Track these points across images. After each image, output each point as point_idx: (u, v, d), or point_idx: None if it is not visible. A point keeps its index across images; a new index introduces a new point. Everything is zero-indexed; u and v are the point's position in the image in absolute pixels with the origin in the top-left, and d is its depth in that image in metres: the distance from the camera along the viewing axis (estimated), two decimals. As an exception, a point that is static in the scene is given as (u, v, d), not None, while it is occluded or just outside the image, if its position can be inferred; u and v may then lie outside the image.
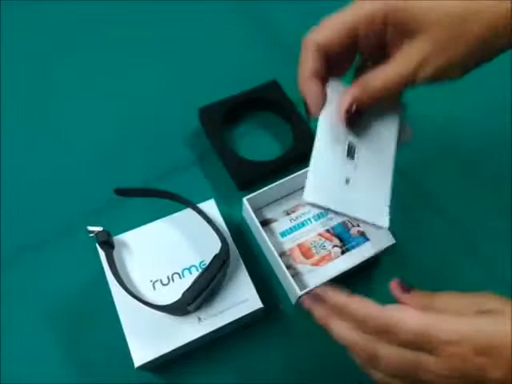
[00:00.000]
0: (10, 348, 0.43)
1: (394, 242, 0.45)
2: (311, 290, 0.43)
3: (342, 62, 0.32)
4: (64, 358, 0.43)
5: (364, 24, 0.30)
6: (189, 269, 0.42)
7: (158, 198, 0.46)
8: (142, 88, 0.59)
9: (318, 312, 0.30)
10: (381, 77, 0.30)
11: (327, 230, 0.49)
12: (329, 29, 0.30)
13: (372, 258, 0.46)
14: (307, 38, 0.31)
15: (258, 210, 0.50)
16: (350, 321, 0.28)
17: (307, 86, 0.31)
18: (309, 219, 0.50)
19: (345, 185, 0.30)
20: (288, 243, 0.49)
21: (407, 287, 0.31)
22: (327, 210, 0.30)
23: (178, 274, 0.42)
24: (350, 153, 0.31)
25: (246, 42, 0.63)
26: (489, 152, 0.56)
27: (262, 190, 0.47)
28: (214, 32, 0.64)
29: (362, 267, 0.47)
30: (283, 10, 0.66)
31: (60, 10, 0.64)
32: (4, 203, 0.50)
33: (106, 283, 0.41)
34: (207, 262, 0.40)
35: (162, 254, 0.43)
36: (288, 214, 0.51)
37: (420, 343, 0.25)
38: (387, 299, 0.47)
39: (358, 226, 0.50)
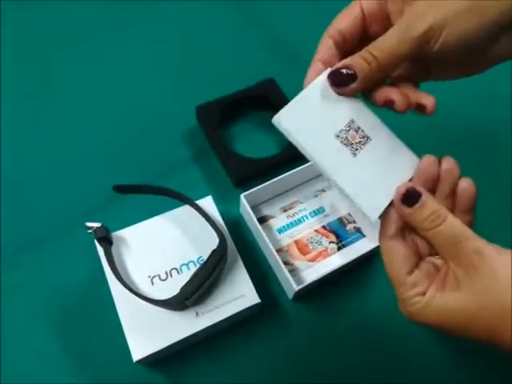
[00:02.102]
0: (10, 343, 0.43)
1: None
2: (307, 286, 0.44)
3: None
4: (63, 352, 0.43)
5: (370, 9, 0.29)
6: (187, 264, 0.42)
7: (155, 195, 0.46)
8: (140, 87, 0.59)
9: None
10: (384, 40, 0.28)
11: (323, 227, 0.50)
12: (340, 19, 0.30)
13: (368, 254, 0.46)
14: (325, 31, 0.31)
15: (255, 207, 0.51)
16: None
17: (310, 70, 0.30)
18: (305, 216, 0.51)
19: (353, 157, 0.28)
20: (285, 239, 0.49)
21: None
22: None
23: (176, 270, 0.42)
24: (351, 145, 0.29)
25: (243, 40, 0.64)
26: (488, 141, 0.57)
27: (259, 187, 0.48)
28: (211, 30, 0.64)
29: (358, 263, 0.47)
30: (280, 9, 0.67)
31: (59, 8, 0.64)
32: (3, 201, 0.50)
33: (105, 279, 0.41)
34: (205, 257, 0.40)
35: (160, 249, 0.43)
36: (285, 210, 0.51)
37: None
38: (383, 295, 0.48)
39: (355, 222, 0.51)
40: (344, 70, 0.28)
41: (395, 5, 0.29)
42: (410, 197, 0.27)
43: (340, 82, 0.28)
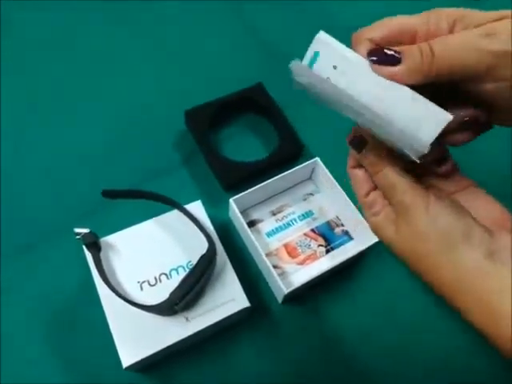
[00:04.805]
0: (-3, 351, 0.43)
1: (377, 240, 0.46)
2: (296, 289, 0.44)
3: None
4: (52, 359, 0.43)
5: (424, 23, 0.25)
6: (176, 269, 0.42)
7: (145, 200, 0.46)
8: (129, 91, 0.59)
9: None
10: (453, 39, 0.23)
11: (312, 230, 0.50)
12: (383, 26, 0.26)
13: (356, 256, 0.47)
14: (358, 33, 0.26)
15: (244, 211, 0.51)
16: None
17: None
18: (294, 219, 0.51)
19: None
20: (274, 243, 0.50)
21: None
22: None
23: (166, 275, 0.42)
24: None
25: (231, 45, 0.64)
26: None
27: (248, 191, 0.48)
28: (200, 35, 0.64)
29: (347, 265, 0.48)
30: (269, 14, 0.67)
31: (49, 15, 0.64)
32: (-11, 206, 0.50)
33: (94, 285, 0.41)
34: (194, 262, 0.41)
35: (149, 255, 0.43)
36: (274, 214, 0.51)
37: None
38: (371, 297, 0.49)
39: (342, 225, 0.51)
40: (388, 51, 0.24)
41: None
42: (356, 144, 0.28)
43: (382, 60, 0.24)
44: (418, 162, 0.25)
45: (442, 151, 0.28)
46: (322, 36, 0.25)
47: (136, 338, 0.39)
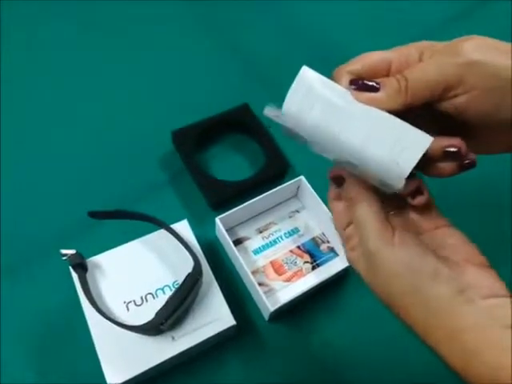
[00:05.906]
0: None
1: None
2: (282, 306, 0.44)
3: None
4: (38, 379, 0.43)
5: (399, 54, 0.28)
6: (162, 289, 0.43)
7: (131, 220, 0.46)
8: (116, 112, 0.60)
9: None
10: (420, 64, 0.26)
11: (298, 247, 0.51)
12: (361, 60, 0.28)
13: (341, 272, 0.48)
14: (338, 68, 0.28)
15: (231, 229, 0.52)
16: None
17: None
18: (280, 236, 0.52)
19: None
20: (261, 260, 0.50)
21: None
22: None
23: (152, 295, 0.42)
24: None
25: (218, 66, 0.66)
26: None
27: (234, 210, 0.49)
28: (187, 56, 0.66)
29: (332, 282, 0.49)
30: (255, 35, 0.69)
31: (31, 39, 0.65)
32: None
33: (80, 305, 0.41)
34: (180, 281, 0.41)
35: (135, 274, 0.43)
36: (260, 231, 0.52)
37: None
38: (357, 312, 0.49)
39: (328, 242, 0.52)
40: (368, 82, 0.26)
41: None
42: (336, 179, 0.29)
43: (362, 88, 0.26)
44: (397, 192, 0.26)
45: (418, 182, 0.28)
46: (304, 72, 0.26)
47: (122, 358, 0.39)
